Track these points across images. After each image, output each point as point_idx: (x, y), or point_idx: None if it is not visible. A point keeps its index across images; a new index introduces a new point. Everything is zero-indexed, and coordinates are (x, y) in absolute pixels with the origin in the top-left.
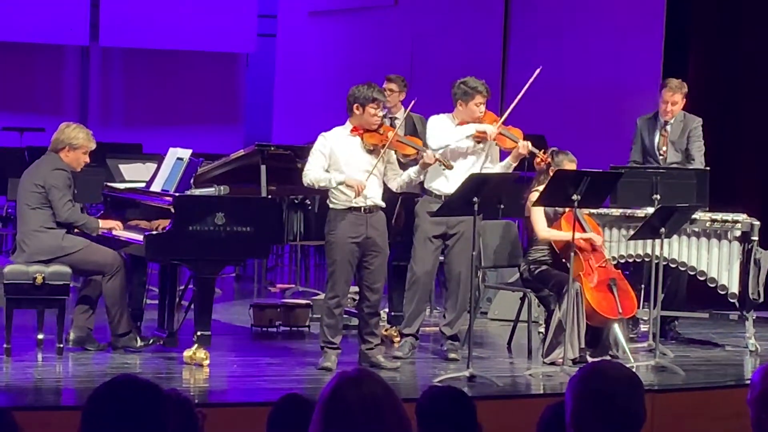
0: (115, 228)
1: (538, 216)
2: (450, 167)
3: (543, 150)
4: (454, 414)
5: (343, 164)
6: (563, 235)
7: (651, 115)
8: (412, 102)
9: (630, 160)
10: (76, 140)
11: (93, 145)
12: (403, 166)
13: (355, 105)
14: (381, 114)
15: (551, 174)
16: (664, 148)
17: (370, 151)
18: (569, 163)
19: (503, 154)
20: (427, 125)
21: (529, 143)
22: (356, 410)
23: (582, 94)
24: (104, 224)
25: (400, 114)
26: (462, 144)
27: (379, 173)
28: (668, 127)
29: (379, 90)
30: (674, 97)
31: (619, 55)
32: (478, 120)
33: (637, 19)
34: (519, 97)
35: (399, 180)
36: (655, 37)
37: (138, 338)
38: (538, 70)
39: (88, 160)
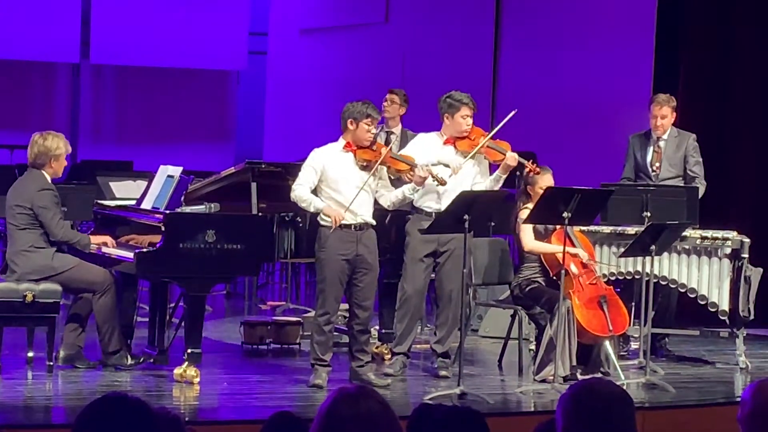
0: (107, 243)
1: (525, 230)
2: (443, 183)
3: (531, 160)
4: None
5: (335, 180)
6: (549, 247)
7: (643, 133)
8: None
9: (622, 177)
10: (58, 150)
11: (70, 148)
12: (395, 184)
13: (350, 120)
14: (374, 131)
15: (530, 192)
16: (657, 164)
17: (362, 168)
18: (543, 175)
19: (493, 168)
20: (411, 141)
21: (516, 155)
22: (353, 426)
23: (571, 109)
24: (95, 240)
25: (397, 129)
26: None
27: (370, 190)
28: (661, 143)
29: (374, 107)
30: (662, 111)
31: (608, 70)
32: (465, 133)
33: (627, 34)
34: (496, 129)
35: (391, 197)
36: (644, 53)
37: (129, 356)
38: (512, 113)
39: (66, 163)
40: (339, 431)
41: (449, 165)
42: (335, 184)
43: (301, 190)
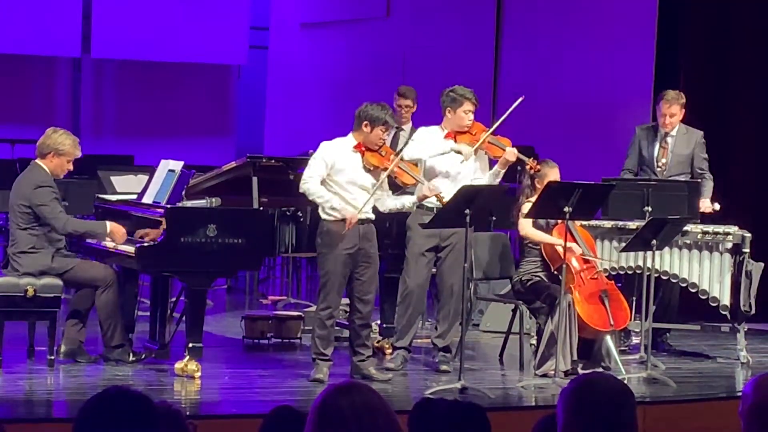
0: (117, 237)
1: (524, 219)
2: (445, 205)
3: (532, 157)
4: (448, 428)
5: (340, 178)
6: (544, 236)
7: (650, 126)
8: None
9: (624, 168)
10: (63, 146)
11: (78, 153)
12: (393, 187)
13: (365, 122)
14: (386, 137)
15: (537, 186)
16: (664, 160)
17: (368, 170)
18: (551, 170)
19: (492, 163)
20: (413, 135)
21: (516, 150)
22: (349, 418)
23: (572, 106)
24: (113, 228)
25: (407, 127)
26: (435, 162)
27: (371, 189)
28: (669, 139)
29: (392, 114)
30: (671, 109)
31: (609, 67)
32: (466, 128)
33: (628, 32)
34: (501, 120)
35: (390, 204)
36: (646, 50)
37: (130, 353)
38: (519, 100)
39: (71, 167)
40: (337, 422)
41: (461, 152)
42: (342, 182)
43: (313, 184)
